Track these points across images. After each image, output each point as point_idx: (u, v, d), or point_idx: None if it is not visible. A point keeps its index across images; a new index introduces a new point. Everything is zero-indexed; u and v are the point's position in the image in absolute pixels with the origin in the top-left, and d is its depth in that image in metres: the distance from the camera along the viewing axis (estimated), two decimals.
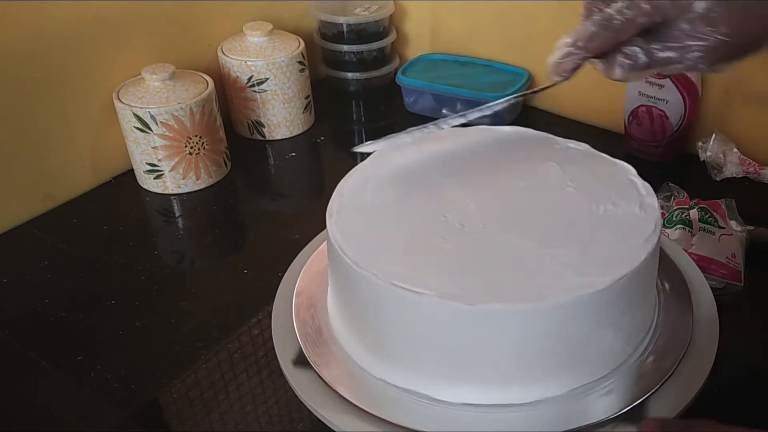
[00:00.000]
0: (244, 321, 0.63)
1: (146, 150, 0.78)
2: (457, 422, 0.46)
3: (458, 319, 0.43)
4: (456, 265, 0.46)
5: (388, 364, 0.48)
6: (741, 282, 0.63)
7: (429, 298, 0.43)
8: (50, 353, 0.61)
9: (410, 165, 0.55)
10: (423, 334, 0.45)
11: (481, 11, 0.95)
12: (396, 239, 0.48)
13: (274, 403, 0.56)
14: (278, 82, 0.87)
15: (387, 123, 0.99)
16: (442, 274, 0.45)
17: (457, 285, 0.44)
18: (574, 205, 0.50)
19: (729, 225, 0.68)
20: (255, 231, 0.79)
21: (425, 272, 0.45)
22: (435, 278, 0.44)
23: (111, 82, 0.80)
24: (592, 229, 0.48)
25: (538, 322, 0.44)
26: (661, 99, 0.80)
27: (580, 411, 0.46)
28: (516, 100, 0.63)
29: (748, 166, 0.78)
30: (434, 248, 0.47)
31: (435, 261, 0.46)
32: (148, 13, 0.83)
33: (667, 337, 0.50)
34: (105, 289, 0.68)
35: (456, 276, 0.45)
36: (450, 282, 0.44)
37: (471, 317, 0.43)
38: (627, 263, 0.45)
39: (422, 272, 0.45)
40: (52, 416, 0.56)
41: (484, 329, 0.44)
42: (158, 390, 0.57)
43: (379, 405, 0.47)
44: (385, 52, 1.01)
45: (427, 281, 0.44)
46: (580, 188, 0.51)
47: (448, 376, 0.46)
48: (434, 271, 0.45)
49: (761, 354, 0.59)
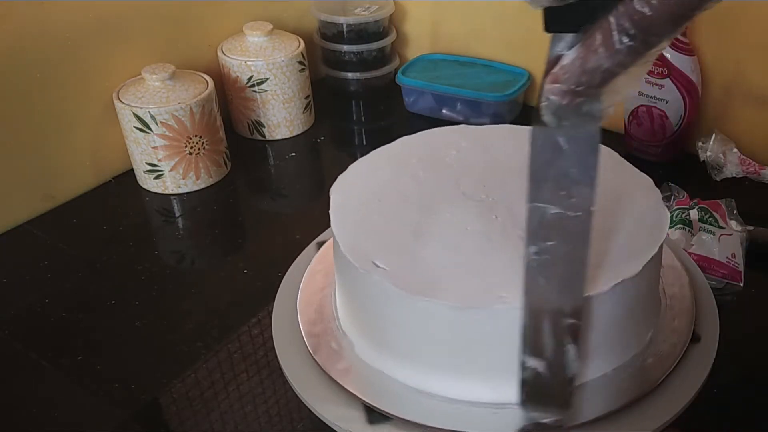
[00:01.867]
0: (244, 321, 0.63)
1: (146, 150, 0.78)
2: (461, 419, 0.45)
3: (462, 319, 0.43)
4: (461, 265, 0.46)
5: (389, 361, 0.48)
6: (741, 282, 0.63)
7: (433, 298, 0.43)
8: (50, 353, 0.61)
9: (413, 163, 0.55)
10: (427, 333, 0.45)
11: (481, 11, 0.95)
12: (400, 237, 0.48)
13: (274, 403, 0.56)
14: (278, 82, 0.87)
15: (387, 123, 0.99)
16: (446, 274, 0.45)
17: (461, 285, 0.44)
18: None
19: (729, 225, 0.68)
20: (255, 231, 0.79)
21: (429, 272, 0.45)
22: (439, 278, 0.44)
23: (111, 82, 0.80)
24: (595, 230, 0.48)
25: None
26: (661, 99, 0.80)
27: (580, 409, 0.45)
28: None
29: (748, 166, 0.78)
30: (438, 247, 0.47)
31: (439, 260, 0.46)
32: (148, 13, 0.83)
33: (668, 338, 0.50)
34: (105, 289, 0.68)
35: (461, 276, 0.45)
36: (454, 282, 0.44)
37: (475, 317, 0.43)
38: (631, 267, 0.45)
39: (426, 272, 0.45)
40: (52, 416, 0.56)
41: (489, 329, 0.44)
42: (158, 390, 0.57)
43: (382, 403, 0.47)
44: (385, 52, 1.01)
45: (431, 281, 0.44)
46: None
47: (452, 373, 0.46)
48: (438, 271, 0.45)
49: (761, 354, 0.59)
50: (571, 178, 0.36)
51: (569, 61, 0.33)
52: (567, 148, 0.36)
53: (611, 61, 0.32)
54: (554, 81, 0.34)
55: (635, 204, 0.50)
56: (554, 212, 0.37)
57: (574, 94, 0.34)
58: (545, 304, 0.39)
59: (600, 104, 0.34)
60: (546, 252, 0.38)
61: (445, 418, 0.45)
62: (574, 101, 0.34)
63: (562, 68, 0.34)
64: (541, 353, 0.41)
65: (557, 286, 0.39)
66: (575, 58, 0.33)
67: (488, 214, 0.49)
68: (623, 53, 0.32)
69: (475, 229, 0.48)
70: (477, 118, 0.91)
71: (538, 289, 0.39)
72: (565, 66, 0.34)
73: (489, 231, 0.48)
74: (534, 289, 0.39)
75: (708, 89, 0.81)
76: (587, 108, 0.35)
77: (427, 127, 0.59)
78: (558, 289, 0.39)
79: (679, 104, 0.79)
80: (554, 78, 0.34)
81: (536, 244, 0.38)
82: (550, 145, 0.36)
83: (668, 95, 0.79)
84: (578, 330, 0.40)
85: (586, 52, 0.33)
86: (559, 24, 0.34)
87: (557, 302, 0.39)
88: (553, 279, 0.39)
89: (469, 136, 0.58)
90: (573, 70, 0.33)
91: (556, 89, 0.34)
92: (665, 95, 0.79)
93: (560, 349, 0.40)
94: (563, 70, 0.34)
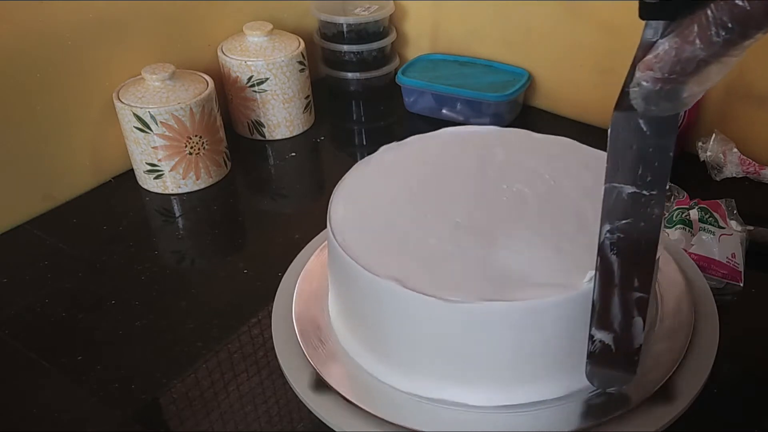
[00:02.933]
0: (244, 321, 0.63)
1: (146, 150, 0.78)
2: (457, 423, 0.46)
3: (459, 319, 0.43)
4: (456, 264, 0.46)
5: (388, 364, 0.48)
6: (741, 282, 0.63)
7: (429, 297, 0.43)
8: (50, 353, 0.61)
9: (411, 164, 0.55)
10: (423, 333, 0.45)
11: (481, 11, 0.95)
12: (396, 238, 0.48)
13: (274, 403, 0.56)
14: (278, 82, 0.87)
15: (387, 123, 0.99)
16: (443, 272, 0.45)
17: (457, 284, 0.44)
18: (575, 204, 0.50)
19: (729, 225, 0.68)
20: (255, 231, 0.79)
21: (425, 271, 0.45)
22: (435, 277, 0.44)
23: (111, 82, 0.80)
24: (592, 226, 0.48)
25: (538, 320, 0.44)
26: None
27: (578, 412, 0.46)
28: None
29: (748, 166, 0.78)
30: (434, 247, 0.47)
31: (435, 260, 0.46)
32: (148, 13, 0.83)
33: (667, 338, 0.50)
34: (105, 289, 0.68)
35: (456, 275, 0.45)
36: (450, 281, 0.44)
37: (471, 316, 0.43)
38: None
39: (422, 271, 0.45)
40: (52, 416, 0.56)
41: (485, 328, 0.44)
42: (158, 390, 0.57)
43: (379, 405, 0.47)
44: (385, 52, 1.01)
45: (427, 280, 0.44)
46: (581, 186, 0.52)
47: (448, 376, 0.46)
48: (434, 270, 0.45)
49: (761, 354, 0.59)
50: (648, 159, 0.38)
51: (663, 51, 0.35)
52: (647, 131, 0.38)
53: (706, 53, 0.33)
54: (647, 68, 0.35)
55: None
56: (630, 191, 0.39)
57: (666, 81, 0.35)
58: (616, 280, 0.42)
59: (687, 90, 0.36)
60: (620, 230, 0.40)
61: (442, 423, 0.45)
62: (665, 88, 0.36)
63: (656, 57, 0.35)
64: (610, 326, 0.43)
65: (628, 263, 0.41)
66: (670, 47, 0.34)
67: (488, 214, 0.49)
68: (719, 45, 0.33)
69: (474, 229, 0.48)
70: (477, 118, 0.91)
71: (610, 265, 0.41)
72: (659, 55, 0.35)
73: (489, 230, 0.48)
74: (606, 266, 0.41)
75: (708, 89, 0.81)
76: (676, 93, 0.36)
77: (427, 127, 0.59)
78: (629, 265, 0.41)
79: None
80: (647, 65, 0.35)
81: (611, 223, 0.40)
82: (632, 128, 0.38)
83: None
84: (646, 303, 0.42)
85: (681, 42, 0.34)
86: (655, 12, 0.35)
87: (627, 278, 0.42)
88: (625, 255, 0.41)
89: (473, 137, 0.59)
90: (667, 59, 0.34)
91: (648, 76, 0.35)
92: None
93: (628, 322, 0.43)
94: (657, 58, 0.35)
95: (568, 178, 0.53)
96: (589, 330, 0.44)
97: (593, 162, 0.54)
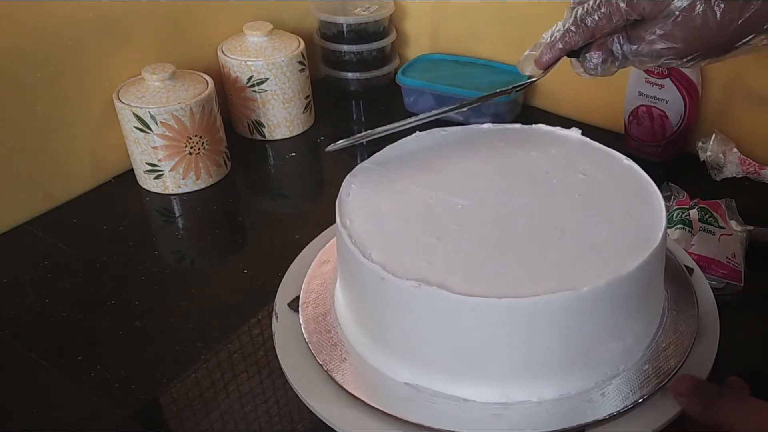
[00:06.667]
0: (244, 321, 0.63)
1: (146, 150, 0.78)
2: (463, 420, 0.45)
3: (467, 314, 0.43)
4: (465, 259, 0.46)
5: (393, 360, 0.48)
6: (741, 282, 0.63)
7: (437, 292, 0.43)
8: (50, 353, 0.61)
9: (419, 160, 0.56)
10: (431, 329, 0.45)
11: (481, 11, 0.95)
12: (405, 234, 0.48)
13: (274, 403, 0.56)
14: (278, 82, 0.87)
15: (387, 123, 0.99)
16: (451, 268, 0.45)
17: (466, 279, 0.44)
18: (584, 200, 0.50)
19: (729, 225, 0.68)
20: (255, 231, 0.79)
21: (434, 267, 0.45)
22: (444, 273, 0.44)
23: (111, 82, 0.80)
24: (601, 222, 0.48)
25: (548, 316, 0.44)
26: (661, 99, 0.80)
27: (583, 409, 0.46)
28: (510, 96, 0.63)
29: (748, 166, 0.78)
30: (443, 242, 0.47)
31: (444, 255, 0.46)
32: (148, 13, 0.83)
33: (669, 338, 0.50)
34: (105, 289, 0.68)
35: (466, 270, 0.45)
36: (459, 276, 0.44)
37: (480, 311, 0.43)
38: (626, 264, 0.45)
39: (431, 267, 0.45)
40: (52, 416, 0.56)
41: (493, 323, 0.44)
42: (158, 390, 0.57)
43: (383, 402, 0.47)
44: (385, 52, 1.01)
45: (436, 276, 0.44)
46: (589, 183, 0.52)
47: (456, 372, 0.46)
48: (444, 265, 0.45)
49: (761, 354, 0.59)
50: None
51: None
52: None
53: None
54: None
55: (634, 202, 0.50)
56: None
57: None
58: None
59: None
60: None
61: (447, 419, 0.45)
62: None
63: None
64: None
65: None
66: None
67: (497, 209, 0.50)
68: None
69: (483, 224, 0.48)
70: (477, 118, 0.91)
71: None
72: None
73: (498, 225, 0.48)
74: None
75: (708, 89, 0.81)
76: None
77: (427, 127, 0.59)
78: None
79: (679, 104, 0.79)
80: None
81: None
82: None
83: (668, 95, 0.79)
84: None
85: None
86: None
87: None
88: None
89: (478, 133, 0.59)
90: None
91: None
92: (665, 95, 0.79)
93: None
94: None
95: (564, 170, 0.53)
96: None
97: (599, 157, 0.55)
